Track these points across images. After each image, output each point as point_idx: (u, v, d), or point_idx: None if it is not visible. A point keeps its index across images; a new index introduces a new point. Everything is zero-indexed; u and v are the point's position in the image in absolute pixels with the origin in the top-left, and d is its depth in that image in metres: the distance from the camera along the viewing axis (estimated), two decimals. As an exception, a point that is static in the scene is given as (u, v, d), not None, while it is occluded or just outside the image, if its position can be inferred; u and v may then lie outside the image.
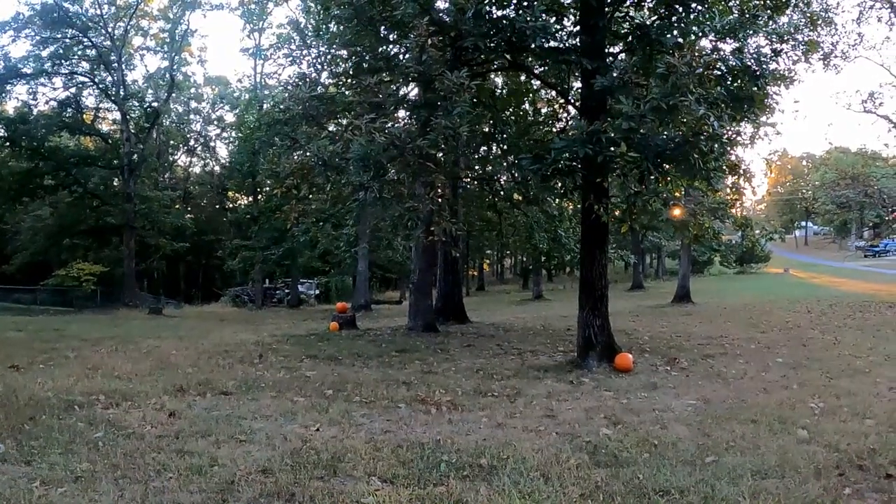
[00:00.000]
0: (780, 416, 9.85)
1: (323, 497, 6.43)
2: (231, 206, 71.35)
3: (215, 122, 76.82)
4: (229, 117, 72.31)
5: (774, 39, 16.57)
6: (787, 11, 17.11)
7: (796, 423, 9.39)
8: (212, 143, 78.71)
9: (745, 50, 14.11)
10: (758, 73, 13.44)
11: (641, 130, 12.24)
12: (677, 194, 15.65)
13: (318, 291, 66.83)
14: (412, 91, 19.71)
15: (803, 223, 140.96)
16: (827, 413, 10.16)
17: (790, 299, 37.32)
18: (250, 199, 60.26)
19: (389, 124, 13.81)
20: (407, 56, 14.41)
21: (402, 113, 17.64)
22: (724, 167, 14.63)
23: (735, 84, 13.58)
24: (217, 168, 75.68)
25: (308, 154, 15.58)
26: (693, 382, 13.08)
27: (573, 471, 7.29)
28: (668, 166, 13.21)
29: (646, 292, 53.90)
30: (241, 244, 51.98)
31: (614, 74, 13.53)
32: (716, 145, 12.67)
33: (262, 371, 14.40)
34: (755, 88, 13.69)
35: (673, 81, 11.74)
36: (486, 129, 20.70)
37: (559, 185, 14.32)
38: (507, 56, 15.87)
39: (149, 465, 7.31)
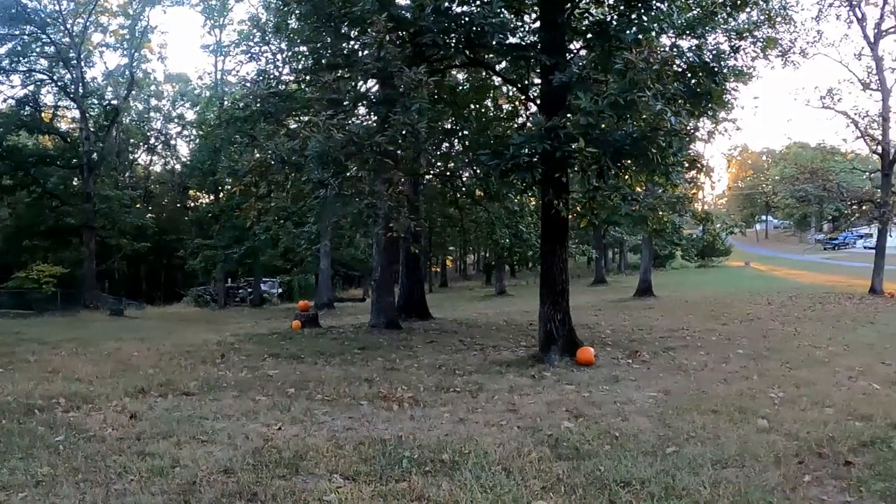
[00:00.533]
0: (741, 406, 9.96)
1: (285, 496, 6.37)
2: (193, 204, 70.75)
3: (176, 120, 76.01)
4: (190, 115, 71.77)
5: (733, 36, 16.69)
6: (746, 9, 17.15)
7: (756, 413, 9.50)
8: (172, 142, 78.06)
9: (704, 47, 14.21)
10: (716, 69, 13.56)
11: (601, 126, 12.28)
12: (638, 189, 15.62)
13: (280, 290, 66.33)
14: (373, 88, 19.57)
15: (764, 217, 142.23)
16: (787, 402, 10.29)
17: (751, 292, 37.88)
18: (212, 197, 59.80)
19: (349, 121, 13.74)
20: (366, 52, 14.24)
21: (362, 110, 17.53)
22: (684, 162, 14.67)
23: (694, 80, 13.67)
24: (178, 167, 74.97)
25: (267, 152, 15.43)
26: (654, 375, 13.16)
27: (535, 464, 7.29)
28: (627, 161, 13.25)
29: (608, 287, 54.05)
30: (203, 243, 51.55)
31: (574, 70, 13.54)
32: (674, 140, 12.72)
33: (224, 371, 14.25)
34: (714, 84, 13.80)
35: (630, 77, 11.78)
36: (447, 126, 20.56)
37: (518, 180, 14.30)
38: (467, 52, 15.83)
39: (110, 467, 7.20)
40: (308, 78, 17.00)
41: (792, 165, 46.97)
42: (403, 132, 13.16)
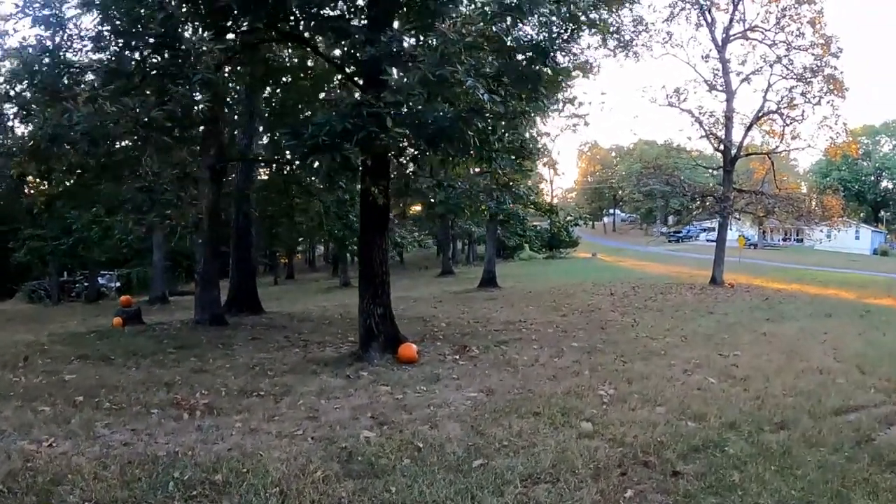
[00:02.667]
0: (566, 406, 9.20)
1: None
2: (31, 192, 66.60)
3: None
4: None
5: (567, 17, 15.75)
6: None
7: (582, 414, 8.80)
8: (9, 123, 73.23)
9: (531, 25, 13.25)
10: (547, 49, 12.54)
11: (410, 104, 11.14)
12: (460, 172, 14.63)
13: (118, 284, 63.31)
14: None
15: (612, 211, 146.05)
16: (616, 401, 9.63)
17: (595, 282, 37.87)
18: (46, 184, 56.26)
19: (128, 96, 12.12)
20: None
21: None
22: (511, 148, 13.74)
23: (525, 61, 12.64)
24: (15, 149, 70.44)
25: (40, 128, 13.56)
26: (480, 372, 12.30)
27: (318, 485, 6.38)
28: (444, 145, 12.15)
29: (455, 278, 53.51)
30: (35, 234, 48.29)
31: (384, 43, 12.31)
32: (497, 125, 11.74)
33: (20, 377, 12.74)
34: (545, 68, 12.80)
35: (442, 51, 10.69)
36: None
37: (320, 163, 12.91)
38: (279, 26, 14.36)
39: None
40: (90, 45, 15.07)
41: (638, 161, 47.90)
42: (183, 107, 11.67)
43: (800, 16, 33.22)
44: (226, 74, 15.98)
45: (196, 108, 11.92)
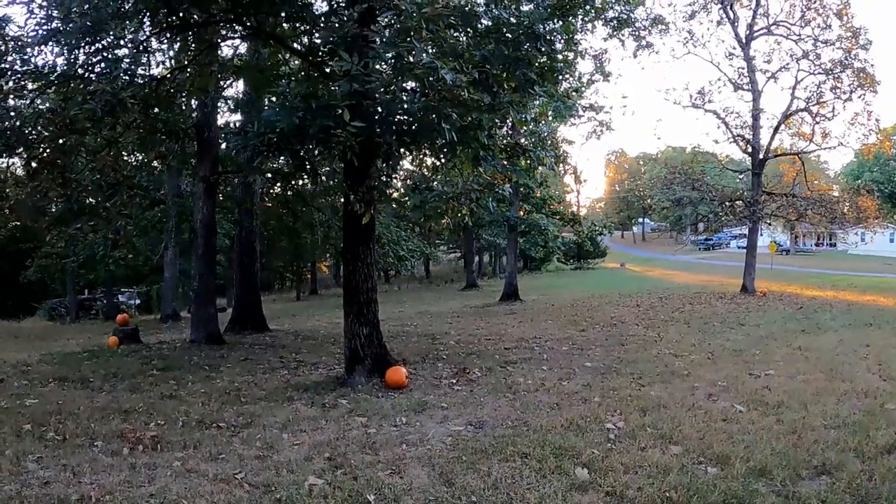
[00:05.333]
0: (562, 444, 7.75)
1: None
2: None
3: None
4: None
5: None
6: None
7: (579, 457, 7.33)
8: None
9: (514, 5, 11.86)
10: (536, 31, 11.08)
11: (367, 91, 9.73)
12: (454, 176, 13.22)
13: (138, 301, 62.55)
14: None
15: (641, 219, 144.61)
16: (624, 437, 8.15)
17: (622, 293, 36.80)
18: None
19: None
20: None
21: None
22: (502, 147, 12.36)
23: (510, 43, 11.17)
24: (34, 163, 69.97)
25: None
26: (475, 399, 10.87)
27: None
28: (417, 142, 10.78)
29: (479, 291, 52.29)
30: (51, 252, 47.47)
31: (335, 26, 10.92)
32: (484, 118, 10.32)
33: None
34: (537, 52, 11.34)
35: (398, 27, 9.31)
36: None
37: (267, 163, 11.53)
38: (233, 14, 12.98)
39: None
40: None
41: (664, 167, 46.71)
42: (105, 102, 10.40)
43: (825, 7, 32.11)
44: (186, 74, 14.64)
45: (118, 104, 10.57)
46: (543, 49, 11.36)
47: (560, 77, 17.08)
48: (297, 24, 13.02)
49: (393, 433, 8.76)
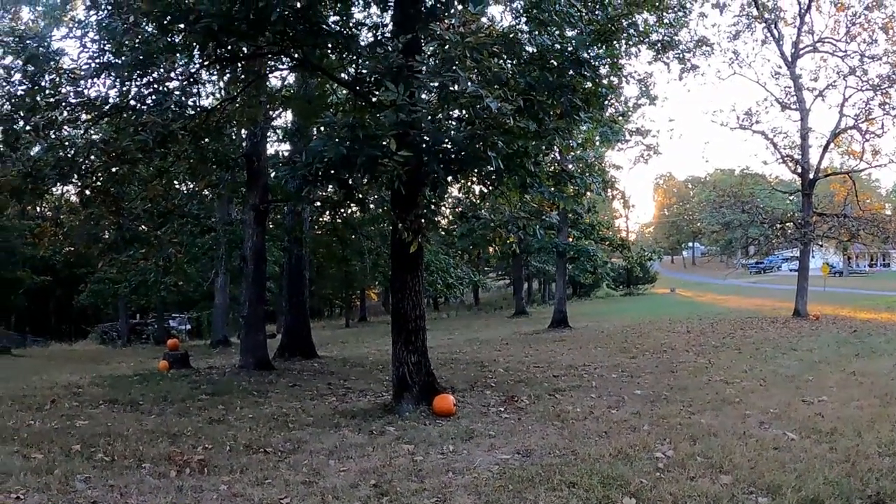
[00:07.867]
0: (611, 474, 7.68)
1: None
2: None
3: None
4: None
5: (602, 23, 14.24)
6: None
7: (627, 487, 7.26)
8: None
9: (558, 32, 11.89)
10: (578, 58, 11.10)
11: (413, 121, 9.80)
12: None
13: (189, 326, 63.36)
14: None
15: (690, 244, 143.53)
16: (673, 466, 8.07)
17: (672, 319, 36.42)
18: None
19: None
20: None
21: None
22: (549, 174, 12.36)
23: (555, 71, 11.20)
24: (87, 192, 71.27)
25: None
26: (523, 427, 10.85)
27: None
28: (465, 170, 10.85)
29: (528, 318, 52.15)
30: (103, 277, 48.33)
31: (381, 56, 11.02)
32: (531, 146, 10.34)
33: (35, 420, 12.35)
34: (580, 77, 11.35)
35: (442, 56, 9.37)
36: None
37: (313, 193, 11.68)
38: (287, 47, 13.18)
39: None
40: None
41: (712, 191, 46.28)
42: (155, 134, 10.57)
43: (871, 23, 31.67)
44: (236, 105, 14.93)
45: (169, 135, 10.80)
46: (588, 74, 11.39)
47: (605, 102, 17.06)
48: (343, 55, 13.25)
49: (439, 461, 8.78)
